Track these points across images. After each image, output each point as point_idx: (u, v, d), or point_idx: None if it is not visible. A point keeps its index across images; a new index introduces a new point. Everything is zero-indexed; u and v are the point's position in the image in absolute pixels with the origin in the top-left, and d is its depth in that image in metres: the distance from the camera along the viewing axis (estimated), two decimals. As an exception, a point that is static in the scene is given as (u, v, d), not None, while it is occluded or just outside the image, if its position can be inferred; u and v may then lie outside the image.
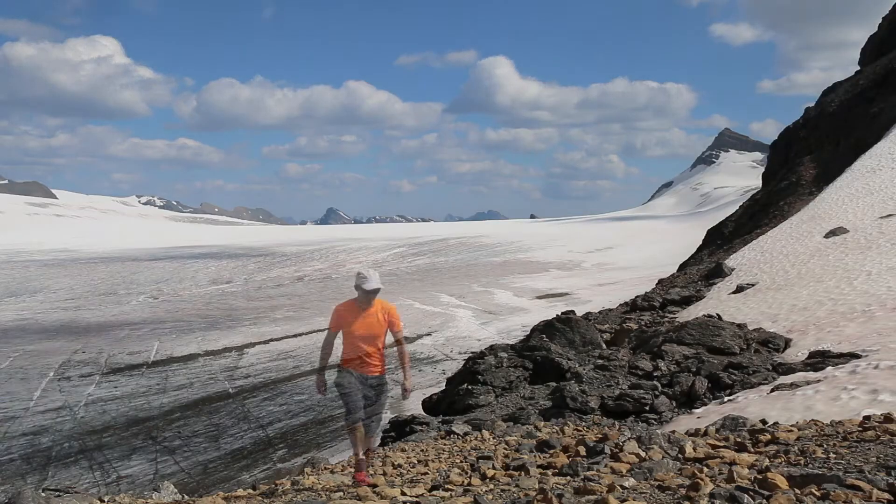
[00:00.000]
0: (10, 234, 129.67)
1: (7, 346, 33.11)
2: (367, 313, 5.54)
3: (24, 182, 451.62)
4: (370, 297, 5.51)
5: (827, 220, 23.52)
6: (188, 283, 59.28)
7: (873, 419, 5.35)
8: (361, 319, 5.53)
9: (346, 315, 5.59)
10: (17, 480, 16.82)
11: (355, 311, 5.57)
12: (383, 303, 5.64)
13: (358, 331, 5.53)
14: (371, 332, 5.55)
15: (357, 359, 5.56)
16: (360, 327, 5.54)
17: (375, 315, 5.56)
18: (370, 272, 5.52)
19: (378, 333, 5.59)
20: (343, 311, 5.61)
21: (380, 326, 5.57)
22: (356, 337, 5.53)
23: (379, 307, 5.59)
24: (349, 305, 5.62)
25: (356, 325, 5.54)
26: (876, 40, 45.65)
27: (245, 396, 24.06)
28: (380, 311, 5.58)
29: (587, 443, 5.29)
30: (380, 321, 5.56)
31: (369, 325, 5.55)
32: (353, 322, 5.55)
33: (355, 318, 5.55)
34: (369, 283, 5.44)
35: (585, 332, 13.88)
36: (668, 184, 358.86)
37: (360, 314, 5.54)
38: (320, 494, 5.04)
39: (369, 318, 5.54)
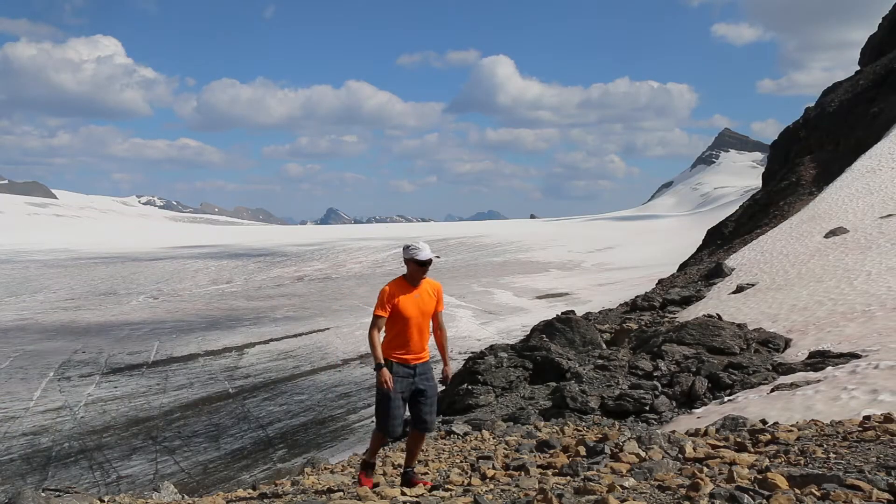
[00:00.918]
0: (10, 234, 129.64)
1: (7, 346, 33.11)
2: (418, 291, 4.96)
3: (24, 182, 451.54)
4: (422, 272, 4.93)
5: (827, 220, 23.52)
6: (188, 283, 59.28)
7: (873, 419, 5.35)
8: (413, 298, 4.93)
9: (397, 293, 4.92)
10: (17, 480, 16.82)
11: (406, 289, 4.95)
12: (431, 280, 5.09)
13: (409, 312, 4.90)
14: (424, 311, 4.96)
15: (406, 347, 4.93)
16: (411, 308, 4.91)
17: (427, 293, 5.00)
18: (420, 243, 4.95)
19: (429, 312, 5.01)
20: (393, 289, 4.94)
21: (431, 303, 5.00)
22: (407, 320, 4.90)
23: (427, 284, 5.04)
24: (400, 283, 4.99)
25: (407, 306, 4.91)
26: (876, 40, 45.66)
27: (245, 396, 24.06)
28: (428, 289, 5.02)
29: (587, 443, 5.29)
30: (431, 298, 5.00)
31: (422, 304, 4.95)
32: (405, 301, 4.91)
33: (406, 297, 4.92)
34: (422, 253, 4.88)
35: (585, 332, 13.88)
36: (668, 184, 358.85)
37: (412, 292, 4.94)
38: (320, 494, 5.04)
39: (422, 296, 4.96)
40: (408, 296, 4.93)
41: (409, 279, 4.98)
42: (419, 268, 4.91)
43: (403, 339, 4.93)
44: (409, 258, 4.93)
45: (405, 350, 4.93)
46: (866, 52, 46.84)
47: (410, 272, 4.96)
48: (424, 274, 4.98)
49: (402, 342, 4.93)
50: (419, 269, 4.91)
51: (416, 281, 4.98)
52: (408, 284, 4.98)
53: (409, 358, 4.94)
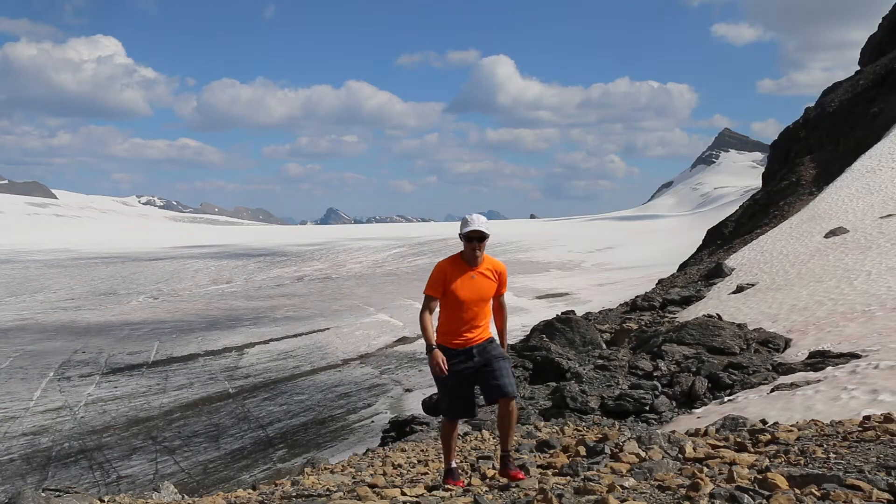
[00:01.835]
0: (10, 234, 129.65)
1: (7, 346, 33.11)
2: (475, 271, 4.53)
3: (24, 182, 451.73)
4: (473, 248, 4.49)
5: (827, 220, 23.52)
6: (188, 283, 59.28)
7: (873, 419, 5.35)
8: (469, 280, 4.51)
9: (451, 273, 4.53)
10: (17, 480, 16.82)
11: (461, 268, 4.54)
12: (493, 260, 4.64)
13: (462, 294, 4.48)
14: (480, 295, 4.52)
15: (461, 331, 4.53)
16: (465, 290, 4.50)
17: (486, 274, 4.56)
18: (473, 215, 4.53)
19: (487, 296, 4.57)
20: (447, 268, 4.55)
21: (490, 288, 4.57)
22: (459, 303, 4.49)
23: (488, 264, 4.59)
24: (455, 261, 4.58)
25: (460, 288, 4.49)
26: (876, 40, 45.66)
27: (245, 396, 24.05)
28: (489, 270, 4.58)
29: (587, 443, 5.28)
30: (490, 281, 4.56)
31: (478, 285, 4.53)
32: (457, 282, 4.50)
33: (460, 276, 4.51)
34: (468, 226, 4.44)
35: (585, 332, 13.88)
36: (668, 184, 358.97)
37: (467, 272, 4.52)
38: (320, 494, 5.04)
39: (479, 278, 4.53)
40: (463, 276, 4.52)
41: (464, 257, 4.56)
42: (468, 244, 4.49)
43: (456, 325, 4.54)
44: (461, 234, 4.52)
45: (457, 336, 4.54)
46: (866, 52, 46.84)
47: (465, 250, 4.55)
48: (479, 251, 4.51)
49: (455, 328, 4.54)
50: (468, 245, 4.49)
51: (473, 260, 4.54)
52: (464, 263, 4.56)
53: (460, 343, 4.53)
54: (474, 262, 4.54)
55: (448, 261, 4.61)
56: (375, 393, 23.85)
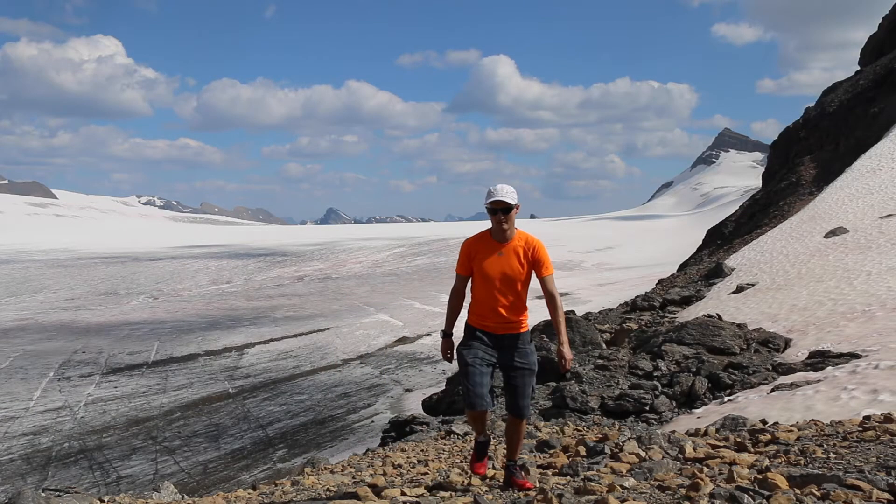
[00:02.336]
0: (10, 234, 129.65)
1: (7, 346, 33.10)
2: (504, 248, 4.18)
3: (24, 182, 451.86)
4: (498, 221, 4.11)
5: (827, 220, 23.52)
6: (188, 283, 59.27)
7: (873, 419, 5.35)
8: (495, 257, 4.18)
9: (477, 250, 4.23)
10: (17, 480, 16.82)
11: (489, 245, 4.21)
12: (527, 236, 4.26)
13: (488, 272, 4.18)
14: (508, 274, 4.16)
15: (488, 313, 4.23)
16: (491, 268, 4.18)
17: (514, 251, 4.18)
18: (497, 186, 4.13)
19: (517, 276, 4.18)
20: (473, 244, 4.26)
21: (520, 267, 4.17)
22: (488, 281, 4.19)
23: (520, 241, 4.21)
24: (482, 237, 4.27)
25: (486, 265, 4.18)
26: (876, 40, 45.65)
27: (245, 396, 24.05)
28: (521, 247, 4.19)
29: (587, 443, 5.28)
30: (520, 260, 4.17)
31: (505, 264, 4.17)
32: (484, 260, 4.19)
33: (488, 254, 4.19)
34: (495, 195, 4.07)
35: (585, 332, 13.88)
36: (668, 184, 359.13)
37: (495, 250, 4.19)
38: (320, 494, 5.04)
39: (507, 255, 4.18)
40: (489, 253, 4.19)
41: (492, 233, 4.22)
42: (493, 217, 4.12)
43: (482, 306, 4.25)
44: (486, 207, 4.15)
45: (483, 317, 4.25)
46: (866, 52, 46.83)
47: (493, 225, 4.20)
48: (506, 224, 4.13)
49: (482, 310, 4.25)
50: (493, 218, 4.12)
51: (500, 234, 4.18)
52: (492, 239, 4.23)
53: (489, 326, 4.23)
54: (502, 236, 4.19)
55: (476, 237, 4.32)
56: (375, 393, 23.86)
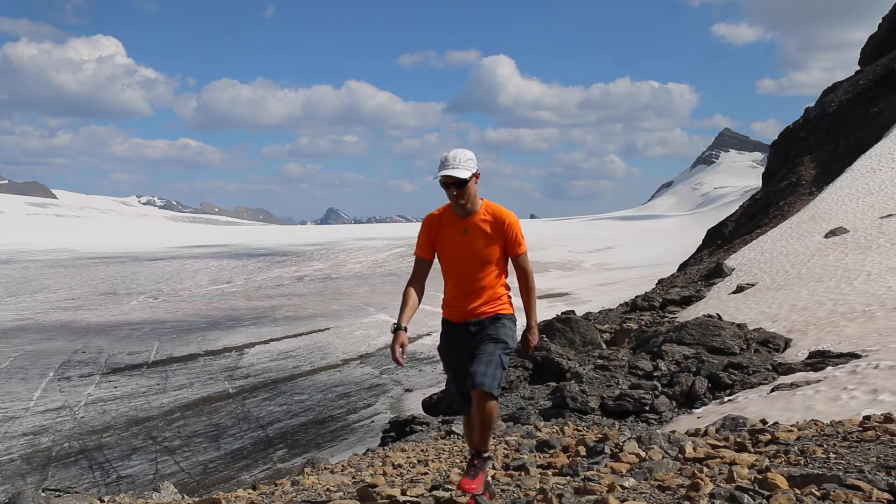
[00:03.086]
0: (10, 234, 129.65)
1: (7, 346, 33.09)
2: (468, 224, 3.59)
3: (24, 182, 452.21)
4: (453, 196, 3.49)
5: (827, 220, 23.52)
6: (188, 283, 59.26)
7: (873, 419, 5.35)
8: (459, 235, 3.60)
9: (439, 228, 3.66)
10: (17, 480, 16.81)
11: (452, 221, 3.63)
12: (496, 209, 3.62)
13: (456, 254, 3.62)
14: (477, 256, 3.59)
15: (459, 303, 3.70)
16: (453, 248, 3.62)
17: (480, 227, 3.58)
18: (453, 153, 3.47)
19: (488, 257, 3.59)
20: (434, 221, 3.68)
21: (489, 245, 3.58)
22: (454, 264, 3.65)
23: (487, 215, 3.60)
24: (445, 212, 3.68)
25: (453, 246, 3.62)
26: (876, 40, 45.65)
27: (245, 396, 24.05)
28: (488, 222, 3.58)
29: (587, 443, 5.28)
30: (489, 237, 3.57)
31: (471, 242, 3.58)
32: (448, 240, 3.64)
33: (451, 233, 3.62)
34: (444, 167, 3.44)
35: (585, 332, 13.88)
36: (668, 184, 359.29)
37: (459, 227, 3.60)
38: (320, 494, 5.04)
39: (472, 232, 3.58)
40: (452, 231, 3.62)
41: (453, 208, 3.62)
42: (447, 191, 3.51)
43: (452, 294, 3.73)
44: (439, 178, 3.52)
45: (454, 307, 3.74)
46: (866, 52, 46.84)
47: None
48: (463, 199, 3.50)
49: (451, 297, 3.74)
50: (448, 192, 3.52)
51: (462, 210, 3.57)
52: (454, 214, 3.63)
53: (458, 317, 3.73)
54: (463, 211, 3.59)
55: (437, 212, 3.71)
56: (375, 393, 23.85)
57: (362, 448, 14.10)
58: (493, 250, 3.61)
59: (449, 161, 3.46)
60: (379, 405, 22.36)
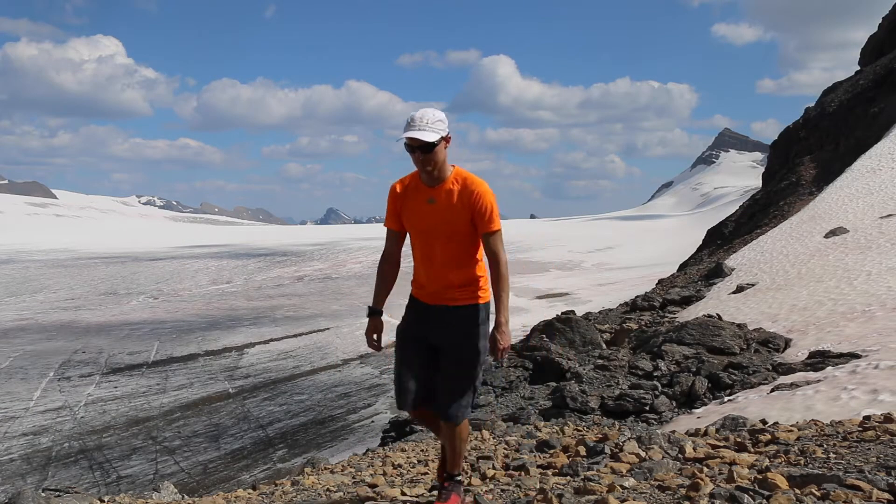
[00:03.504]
0: (10, 234, 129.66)
1: (7, 346, 33.10)
2: (434, 193, 3.20)
3: (24, 182, 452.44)
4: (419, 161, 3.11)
5: (827, 220, 23.52)
6: (188, 283, 59.27)
7: (873, 419, 5.35)
8: (424, 206, 3.23)
9: (405, 197, 3.30)
10: (17, 480, 16.82)
11: (418, 190, 3.26)
12: (466, 177, 3.21)
13: (421, 225, 3.26)
14: (443, 228, 3.21)
15: (424, 279, 3.35)
16: (423, 219, 3.24)
17: (449, 196, 3.19)
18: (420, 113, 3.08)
19: (456, 230, 3.20)
20: (400, 189, 3.33)
21: (458, 217, 3.18)
22: (419, 237, 3.30)
23: (456, 183, 3.20)
24: (412, 179, 3.31)
25: (418, 216, 3.26)
26: (876, 40, 45.66)
27: (245, 396, 24.05)
28: (457, 190, 3.18)
29: (587, 443, 5.28)
30: (458, 207, 3.17)
31: (437, 214, 3.20)
32: (413, 210, 3.27)
33: (417, 203, 3.25)
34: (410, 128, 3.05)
35: (585, 332, 13.87)
36: (668, 184, 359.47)
37: (425, 196, 3.23)
38: (320, 494, 5.04)
39: (440, 202, 3.19)
40: (417, 200, 3.25)
41: (420, 175, 3.24)
42: (412, 155, 3.12)
43: (418, 270, 3.38)
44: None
45: (419, 285, 3.40)
46: (866, 52, 46.84)
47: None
48: (429, 166, 3.12)
49: (417, 274, 3.40)
50: (413, 157, 3.12)
51: (430, 177, 3.19)
52: (420, 182, 3.25)
53: (421, 295, 3.39)
54: (430, 180, 3.20)
55: (403, 179, 3.35)
56: (375, 393, 23.86)
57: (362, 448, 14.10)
58: (462, 223, 3.19)
59: (415, 121, 3.06)
60: (379, 405, 22.36)
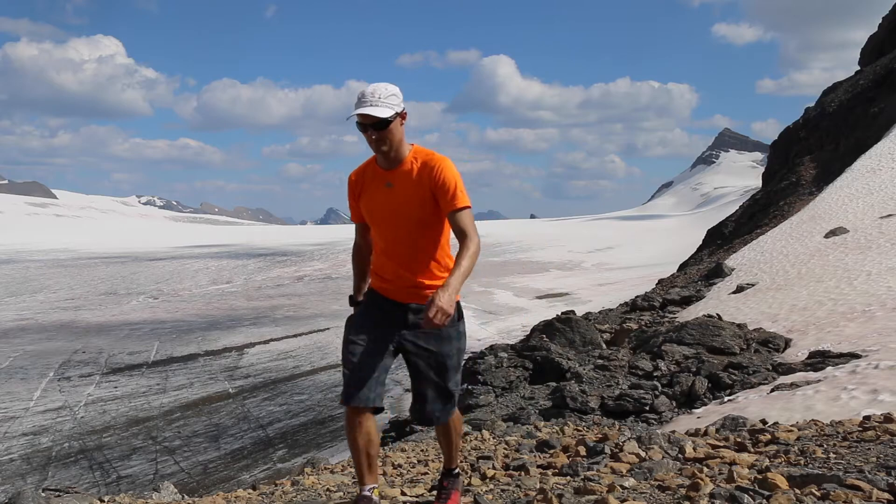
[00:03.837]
0: (10, 234, 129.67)
1: (7, 346, 33.09)
2: (392, 177, 2.94)
3: (24, 182, 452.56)
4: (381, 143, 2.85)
5: (827, 220, 23.52)
6: (188, 283, 59.27)
7: (873, 419, 5.35)
8: (383, 190, 2.95)
9: (363, 184, 3.02)
10: (17, 480, 16.82)
11: (375, 174, 2.99)
12: (427, 154, 2.93)
13: (379, 212, 2.98)
14: (403, 214, 2.92)
15: (385, 272, 3.05)
16: (381, 205, 2.96)
17: (408, 178, 2.91)
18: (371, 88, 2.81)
19: (418, 215, 2.90)
20: (358, 177, 3.05)
21: (419, 200, 2.88)
22: (378, 225, 3.01)
23: (415, 162, 2.92)
24: (368, 165, 3.04)
25: (376, 203, 2.98)
26: (876, 40, 45.67)
27: (245, 396, 24.05)
28: (416, 170, 2.89)
29: (587, 443, 5.28)
30: (419, 190, 2.88)
31: (396, 198, 2.92)
32: (371, 197, 2.99)
33: (375, 189, 2.98)
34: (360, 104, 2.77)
35: (585, 332, 13.88)
36: (668, 184, 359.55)
37: (383, 181, 2.96)
38: (320, 494, 5.04)
39: (398, 184, 2.92)
40: (375, 186, 2.97)
41: (379, 160, 2.97)
42: (365, 135, 2.84)
43: (380, 261, 3.07)
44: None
45: (381, 278, 3.07)
46: (866, 53, 46.86)
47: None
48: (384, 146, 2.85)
49: (378, 265, 3.08)
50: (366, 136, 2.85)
51: (386, 159, 2.92)
52: (377, 166, 2.99)
53: (390, 290, 3.04)
54: (386, 162, 2.93)
55: (361, 167, 3.07)
56: (375, 393, 23.86)
57: (362, 448, 14.07)
58: (425, 206, 2.87)
59: (366, 97, 2.76)
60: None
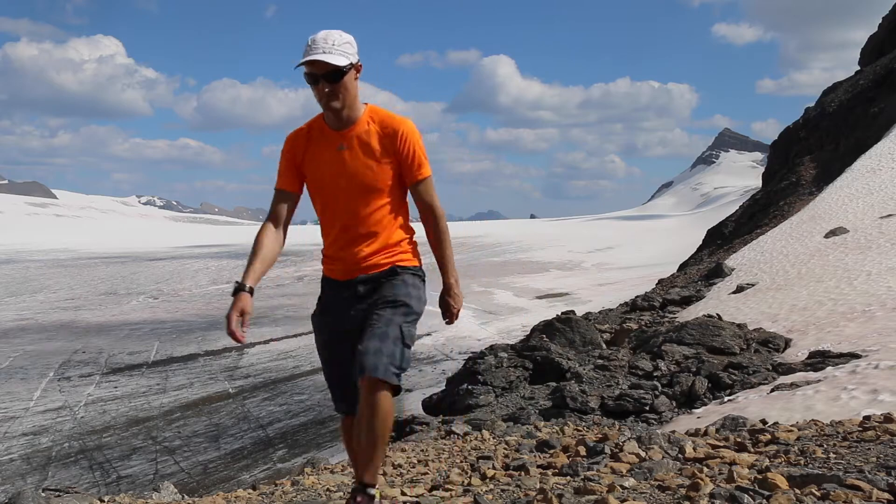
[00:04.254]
0: (10, 234, 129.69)
1: (7, 346, 33.10)
2: (345, 138, 2.56)
3: (24, 182, 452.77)
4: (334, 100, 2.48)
5: (827, 220, 23.52)
6: (188, 283, 59.29)
7: (873, 419, 5.35)
8: (332, 153, 2.57)
9: (306, 147, 2.63)
10: (17, 480, 16.82)
11: (323, 136, 2.61)
12: (385, 115, 2.60)
13: (329, 179, 2.60)
14: (358, 180, 2.56)
15: (337, 251, 2.76)
16: (331, 171, 2.58)
17: (363, 139, 2.56)
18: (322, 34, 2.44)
19: (371, 182, 2.57)
20: (298, 138, 2.65)
21: (376, 166, 2.56)
22: (327, 194, 2.65)
23: (372, 122, 2.58)
24: (313, 126, 2.65)
25: (324, 168, 2.59)
26: (876, 40, 45.67)
27: (245, 396, 24.05)
28: (374, 132, 2.56)
29: (587, 443, 5.28)
30: (376, 152, 2.56)
31: (352, 163, 2.55)
32: (317, 161, 2.60)
33: (322, 151, 2.59)
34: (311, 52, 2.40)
35: (585, 332, 13.88)
36: (668, 184, 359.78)
37: (333, 143, 2.58)
38: (320, 494, 5.04)
39: (352, 147, 2.55)
40: (323, 148, 2.59)
41: (325, 116, 2.60)
42: (314, 89, 2.47)
43: (329, 239, 2.78)
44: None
45: (332, 258, 2.81)
46: (866, 52, 46.85)
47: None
48: (336, 102, 2.48)
49: (328, 244, 2.80)
50: (314, 90, 2.47)
51: (337, 118, 2.54)
52: (326, 126, 2.60)
53: (338, 269, 2.78)
54: (338, 121, 2.55)
55: (302, 127, 2.67)
56: (375, 393, 23.86)
57: (362, 448, 14.08)
58: (382, 173, 2.55)
59: (317, 43, 2.38)
60: (379, 405, 22.36)
